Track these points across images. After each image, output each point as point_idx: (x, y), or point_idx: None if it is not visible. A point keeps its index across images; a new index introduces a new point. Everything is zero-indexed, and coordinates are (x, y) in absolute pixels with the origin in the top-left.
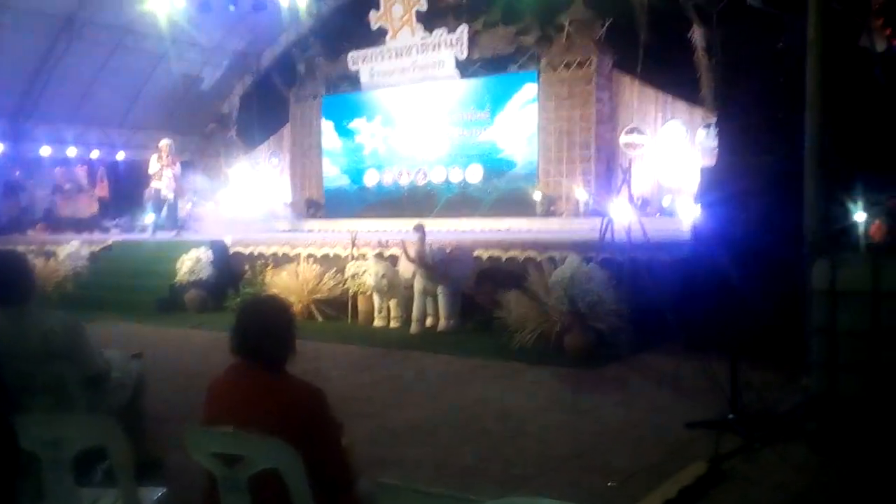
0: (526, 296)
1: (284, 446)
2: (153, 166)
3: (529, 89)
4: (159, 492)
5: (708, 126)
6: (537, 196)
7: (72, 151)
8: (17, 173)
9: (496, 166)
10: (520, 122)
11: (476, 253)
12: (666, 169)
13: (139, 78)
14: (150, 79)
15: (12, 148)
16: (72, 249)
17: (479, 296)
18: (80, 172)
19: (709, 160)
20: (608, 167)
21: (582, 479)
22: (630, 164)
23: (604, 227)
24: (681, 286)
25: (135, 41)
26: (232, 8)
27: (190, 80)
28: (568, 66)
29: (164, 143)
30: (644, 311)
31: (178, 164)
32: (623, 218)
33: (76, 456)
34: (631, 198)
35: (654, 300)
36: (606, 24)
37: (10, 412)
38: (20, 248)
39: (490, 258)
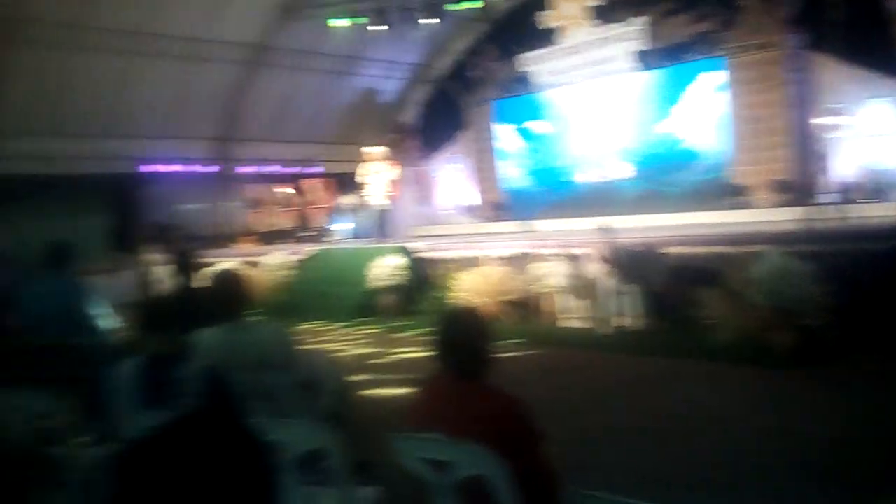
0: (723, 293)
1: (488, 454)
2: (366, 174)
3: (714, 76)
4: (373, 491)
5: None
6: (728, 187)
7: (273, 168)
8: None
9: (682, 159)
10: (705, 111)
11: (667, 250)
12: (872, 151)
13: (327, 96)
14: (336, 96)
15: (220, 168)
16: (277, 259)
17: (672, 294)
18: (309, 185)
19: None
20: (805, 152)
21: (798, 489)
22: (830, 148)
23: (805, 216)
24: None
25: (321, 63)
26: (408, 22)
27: (372, 95)
28: (755, 49)
29: (371, 150)
30: (856, 305)
31: (397, 169)
32: (825, 206)
33: (300, 456)
34: (834, 183)
35: (866, 293)
36: (795, 2)
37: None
38: (230, 260)
39: (681, 254)
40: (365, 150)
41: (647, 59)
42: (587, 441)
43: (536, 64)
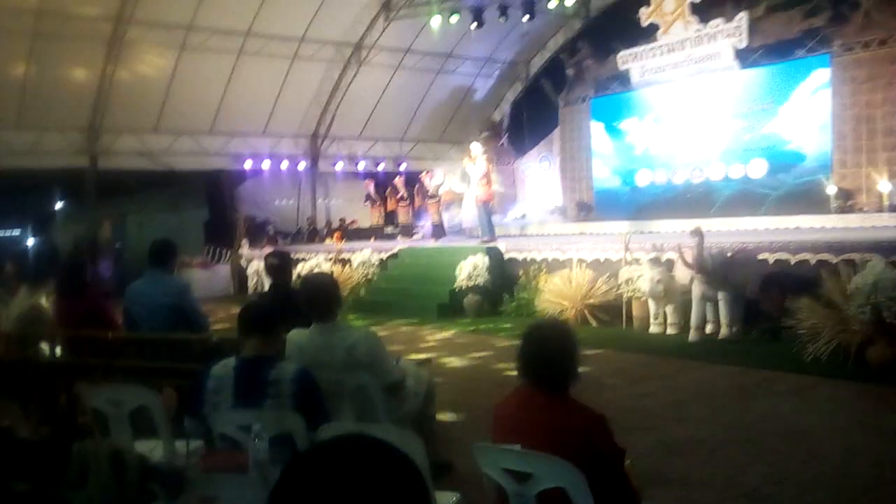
0: (819, 303)
1: (570, 467)
2: (472, 172)
3: (820, 74)
4: (453, 497)
5: None
6: (831, 190)
7: (361, 166)
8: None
9: (783, 160)
10: (809, 110)
11: (760, 256)
12: None
13: (418, 94)
14: (427, 94)
15: (311, 165)
16: (364, 257)
17: (765, 302)
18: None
19: None
20: None
21: None
22: None
23: None
24: None
25: (414, 61)
26: (502, 20)
27: (463, 92)
28: (867, 45)
29: (476, 145)
30: None
31: (487, 168)
32: None
33: None
34: None
35: None
36: None
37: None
38: (320, 256)
39: (777, 261)
40: (469, 147)
41: (750, 57)
42: (669, 451)
43: (634, 61)
